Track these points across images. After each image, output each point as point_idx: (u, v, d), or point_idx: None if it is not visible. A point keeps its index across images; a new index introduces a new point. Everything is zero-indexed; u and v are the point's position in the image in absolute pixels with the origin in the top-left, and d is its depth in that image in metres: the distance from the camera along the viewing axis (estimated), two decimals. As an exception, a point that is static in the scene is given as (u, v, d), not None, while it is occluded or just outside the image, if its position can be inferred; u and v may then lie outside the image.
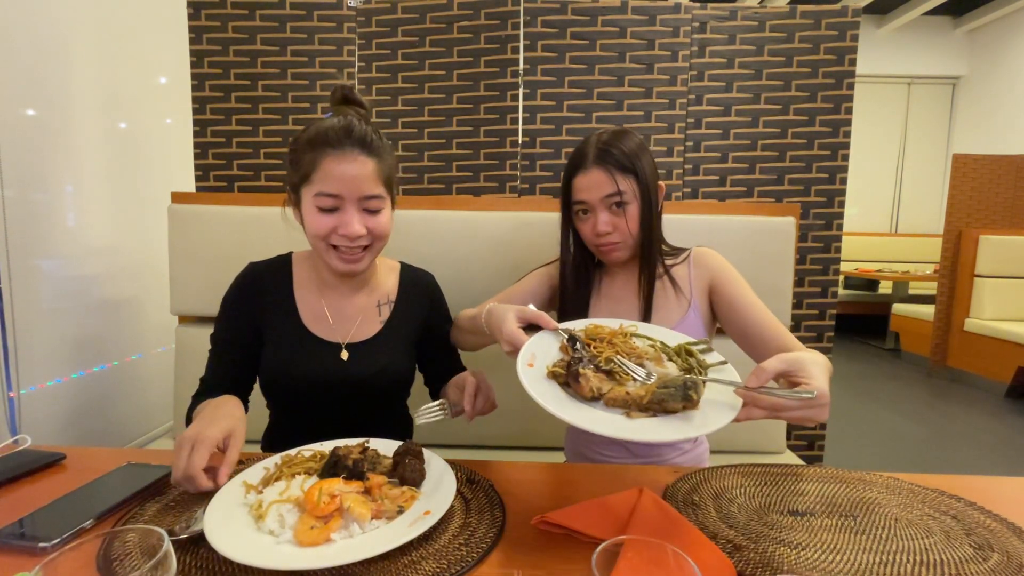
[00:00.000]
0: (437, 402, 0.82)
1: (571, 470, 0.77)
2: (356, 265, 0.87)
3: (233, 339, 0.92)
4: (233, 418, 0.71)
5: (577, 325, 0.76)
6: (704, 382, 0.62)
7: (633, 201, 0.92)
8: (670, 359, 0.70)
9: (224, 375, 0.91)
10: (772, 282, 1.32)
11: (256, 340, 0.92)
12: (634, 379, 0.65)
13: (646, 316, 0.96)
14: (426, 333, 1.02)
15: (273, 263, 0.96)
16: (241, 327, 0.92)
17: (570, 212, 0.97)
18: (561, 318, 0.98)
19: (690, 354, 0.72)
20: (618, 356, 0.68)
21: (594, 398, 0.63)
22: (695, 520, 0.62)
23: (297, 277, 0.94)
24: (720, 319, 0.98)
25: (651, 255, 0.95)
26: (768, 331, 0.90)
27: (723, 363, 0.69)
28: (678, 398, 0.58)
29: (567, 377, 0.64)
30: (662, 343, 0.74)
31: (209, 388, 0.89)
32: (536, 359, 0.66)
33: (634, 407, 0.60)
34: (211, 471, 0.64)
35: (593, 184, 0.91)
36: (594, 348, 0.70)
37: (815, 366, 0.61)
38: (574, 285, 1.00)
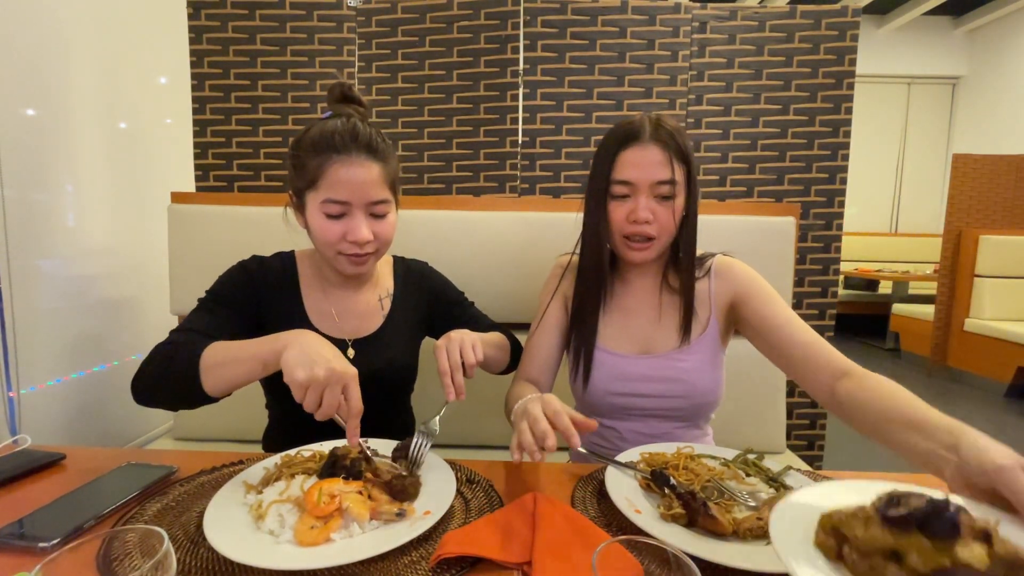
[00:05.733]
0: (415, 438, 0.72)
1: (569, 469, 0.77)
2: (363, 267, 0.87)
3: (232, 305, 0.86)
4: (345, 360, 0.64)
5: (629, 456, 0.73)
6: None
7: (680, 195, 0.83)
8: (748, 475, 0.68)
9: (218, 328, 0.80)
10: (772, 282, 1.30)
11: (251, 324, 0.87)
12: (744, 505, 0.60)
13: (679, 334, 0.91)
14: (440, 320, 1.02)
15: (277, 260, 0.94)
16: (240, 304, 0.87)
17: (605, 194, 0.86)
18: (570, 328, 0.96)
19: (753, 464, 0.70)
20: (721, 483, 0.64)
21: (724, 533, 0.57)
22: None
23: (302, 276, 0.94)
24: (748, 337, 0.91)
25: (688, 263, 0.89)
26: (815, 350, 0.78)
27: (789, 468, 0.69)
28: None
29: (691, 517, 0.57)
30: (724, 459, 0.72)
31: (199, 336, 0.76)
32: (633, 502, 0.61)
33: None
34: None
35: (648, 161, 0.81)
36: (678, 478, 0.65)
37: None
38: (590, 285, 0.92)
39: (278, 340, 0.66)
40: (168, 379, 0.72)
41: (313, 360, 0.61)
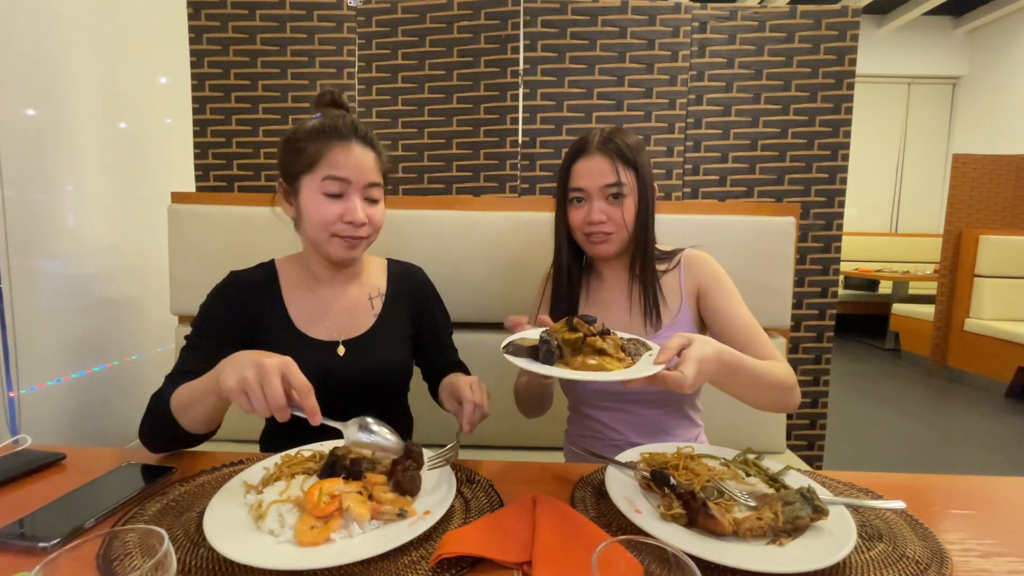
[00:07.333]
0: (445, 449, 0.74)
1: (570, 469, 0.77)
2: (355, 252, 0.89)
3: (217, 335, 0.87)
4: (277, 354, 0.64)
5: (629, 456, 0.73)
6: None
7: (631, 195, 0.92)
8: (748, 475, 0.69)
9: (206, 364, 0.75)
10: (772, 282, 1.32)
11: (240, 343, 0.86)
12: (743, 505, 0.60)
13: (645, 320, 0.95)
14: (421, 329, 1.02)
15: (256, 271, 0.94)
16: (226, 330, 0.88)
17: (565, 201, 0.96)
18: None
19: (753, 464, 0.71)
20: (720, 483, 0.64)
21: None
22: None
23: (284, 281, 0.94)
24: (706, 324, 0.98)
25: (646, 256, 0.94)
26: (747, 343, 0.87)
27: (786, 468, 0.70)
28: (808, 511, 0.57)
29: (691, 517, 0.58)
30: (724, 459, 0.73)
31: (184, 378, 0.77)
32: (633, 502, 0.61)
33: (772, 533, 0.56)
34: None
35: (595, 171, 0.91)
36: (678, 478, 0.65)
37: (705, 344, 0.68)
38: (565, 284, 1.00)
39: (217, 368, 0.67)
40: (158, 430, 0.77)
41: (241, 365, 0.61)
